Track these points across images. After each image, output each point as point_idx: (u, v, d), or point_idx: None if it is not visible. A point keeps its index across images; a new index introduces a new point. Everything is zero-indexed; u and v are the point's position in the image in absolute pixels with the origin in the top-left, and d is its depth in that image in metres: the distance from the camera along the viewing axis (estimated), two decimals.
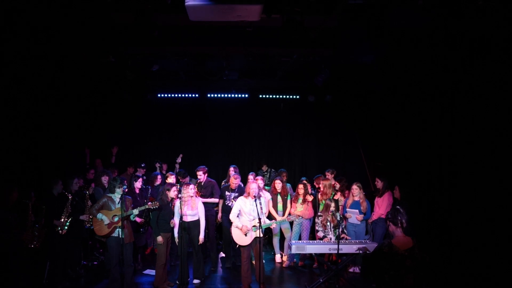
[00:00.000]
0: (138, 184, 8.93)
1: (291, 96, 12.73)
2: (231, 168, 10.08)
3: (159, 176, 9.96)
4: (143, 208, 7.76)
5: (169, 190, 8.08)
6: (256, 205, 7.50)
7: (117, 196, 7.64)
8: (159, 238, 7.85)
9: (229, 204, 8.91)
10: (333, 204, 8.30)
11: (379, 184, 9.05)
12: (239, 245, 7.81)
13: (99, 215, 7.51)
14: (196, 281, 8.32)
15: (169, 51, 8.61)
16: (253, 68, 10.56)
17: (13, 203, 7.26)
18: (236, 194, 8.87)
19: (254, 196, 7.64)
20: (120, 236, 7.41)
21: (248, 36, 7.08)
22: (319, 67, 9.02)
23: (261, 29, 6.41)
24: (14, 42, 6.64)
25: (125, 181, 8.54)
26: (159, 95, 12.60)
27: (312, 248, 8.01)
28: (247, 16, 5.68)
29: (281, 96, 12.76)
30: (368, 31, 5.93)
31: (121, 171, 11.15)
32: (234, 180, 9.06)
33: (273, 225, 8.29)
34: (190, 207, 8.07)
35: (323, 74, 9.05)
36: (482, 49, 5.97)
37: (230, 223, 8.02)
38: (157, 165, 11.43)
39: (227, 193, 9.14)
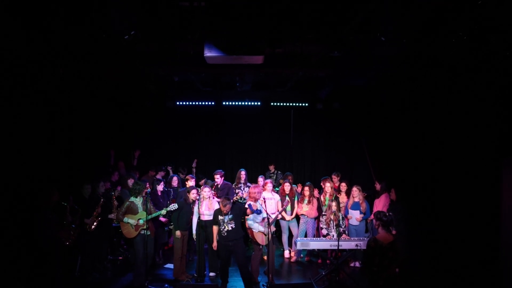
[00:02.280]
0: (160, 187, 9.64)
1: (300, 104, 13.33)
2: (242, 173, 10.83)
3: (175, 178, 10.61)
4: (168, 209, 8.50)
5: (189, 192, 8.83)
6: (261, 205, 8.32)
7: (139, 199, 8.36)
8: (178, 232, 8.61)
9: (223, 230, 7.94)
10: (334, 204, 9.15)
11: (378, 186, 9.86)
12: (262, 245, 8.55)
13: (125, 219, 8.23)
14: (211, 274, 9.09)
15: (188, 70, 9.55)
16: (264, 81, 11.28)
17: (54, 204, 8.14)
18: (231, 216, 7.95)
19: (257, 199, 8.46)
20: (146, 234, 8.21)
21: None
22: (324, 81, 9.81)
23: (268, 54, 7.25)
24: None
25: (147, 184, 9.47)
26: (177, 103, 13.24)
27: (315, 244, 8.80)
28: (252, 62, 6.96)
29: (291, 104, 13.35)
30: (357, 60, 6.83)
31: (142, 173, 11.79)
32: (224, 207, 7.90)
33: (279, 215, 9.26)
34: (207, 207, 8.83)
35: (326, 88, 9.87)
36: (454, 70, 6.85)
37: (226, 245, 8.05)
38: (169, 168, 12.19)
39: (220, 217, 8.02)
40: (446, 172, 8.22)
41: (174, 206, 8.56)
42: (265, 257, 9.12)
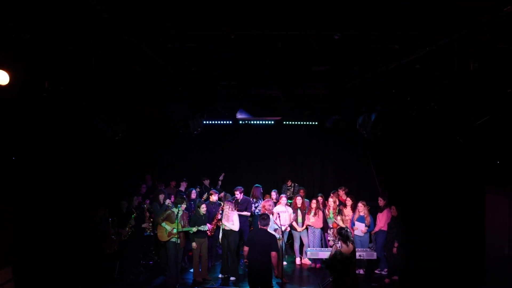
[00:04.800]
0: None
1: (310, 123, 14.08)
2: (259, 189, 12.04)
3: (193, 191, 11.78)
4: (200, 228, 9.62)
5: (199, 206, 10.07)
6: (276, 219, 9.56)
7: (178, 210, 9.51)
8: (194, 244, 9.88)
9: None
10: (339, 218, 10.34)
11: (381, 202, 10.92)
12: None
13: (163, 224, 9.51)
14: (232, 278, 10.21)
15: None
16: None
17: (99, 219, 9.39)
18: None
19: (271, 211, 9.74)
20: (177, 242, 9.50)
21: None
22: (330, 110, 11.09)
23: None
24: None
25: (172, 196, 10.64)
26: None
27: (323, 254, 10.12)
28: (273, 119, 10.05)
29: (302, 123, 14.10)
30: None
31: (165, 185, 12.98)
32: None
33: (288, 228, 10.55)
34: (227, 219, 10.06)
35: (332, 118, 11.12)
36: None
37: None
38: (205, 181, 13.39)
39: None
40: (440, 195, 9.42)
41: (204, 228, 9.75)
42: None
